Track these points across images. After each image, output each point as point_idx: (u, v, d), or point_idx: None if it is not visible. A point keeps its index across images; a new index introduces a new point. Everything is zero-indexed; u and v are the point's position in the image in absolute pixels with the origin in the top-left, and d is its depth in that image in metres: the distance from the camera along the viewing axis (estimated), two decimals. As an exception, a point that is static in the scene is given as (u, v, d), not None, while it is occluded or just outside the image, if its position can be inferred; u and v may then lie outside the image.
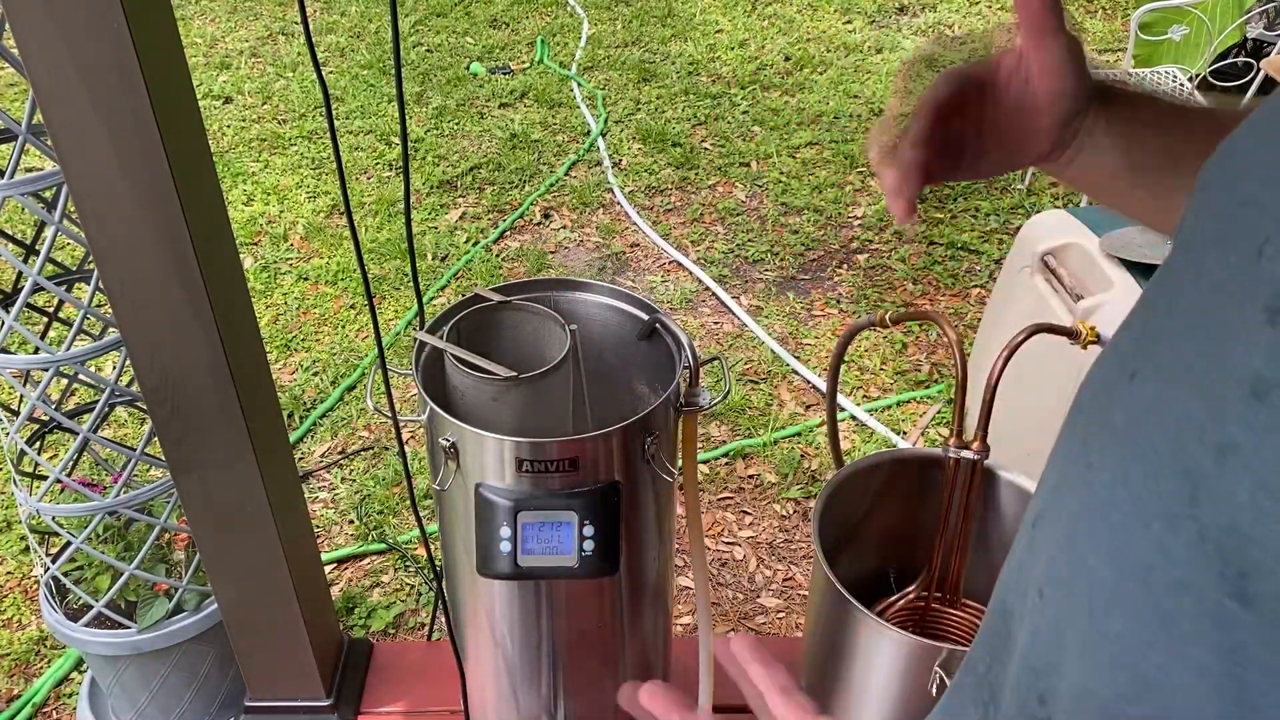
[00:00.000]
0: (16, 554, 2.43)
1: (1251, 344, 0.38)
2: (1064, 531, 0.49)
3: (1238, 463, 0.37)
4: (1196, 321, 0.43)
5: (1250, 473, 0.37)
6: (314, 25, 5.23)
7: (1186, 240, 0.47)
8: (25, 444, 1.61)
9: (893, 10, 5.15)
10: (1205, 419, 0.39)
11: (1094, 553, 0.45)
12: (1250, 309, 0.38)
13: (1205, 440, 0.39)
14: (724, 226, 3.58)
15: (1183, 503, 0.40)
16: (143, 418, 2.32)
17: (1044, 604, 0.49)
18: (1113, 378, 0.49)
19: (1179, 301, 0.45)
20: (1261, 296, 0.38)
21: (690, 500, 1.47)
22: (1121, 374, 0.47)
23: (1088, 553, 0.46)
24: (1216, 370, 0.39)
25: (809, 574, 2.34)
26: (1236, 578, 0.37)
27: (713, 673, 1.59)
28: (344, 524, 2.51)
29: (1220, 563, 0.38)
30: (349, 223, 1.21)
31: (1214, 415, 0.39)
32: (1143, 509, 0.42)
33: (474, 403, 1.31)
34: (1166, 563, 0.40)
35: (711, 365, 1.62)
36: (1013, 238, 2.48)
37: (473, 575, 1.35)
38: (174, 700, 1.85)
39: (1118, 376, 0.48)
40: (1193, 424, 0.40)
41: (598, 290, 1.47)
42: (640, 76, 4.61)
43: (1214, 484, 0.38)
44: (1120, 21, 4.89)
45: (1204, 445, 0.39)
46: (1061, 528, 0.49)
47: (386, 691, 1.86)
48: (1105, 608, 0.44)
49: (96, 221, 1.25)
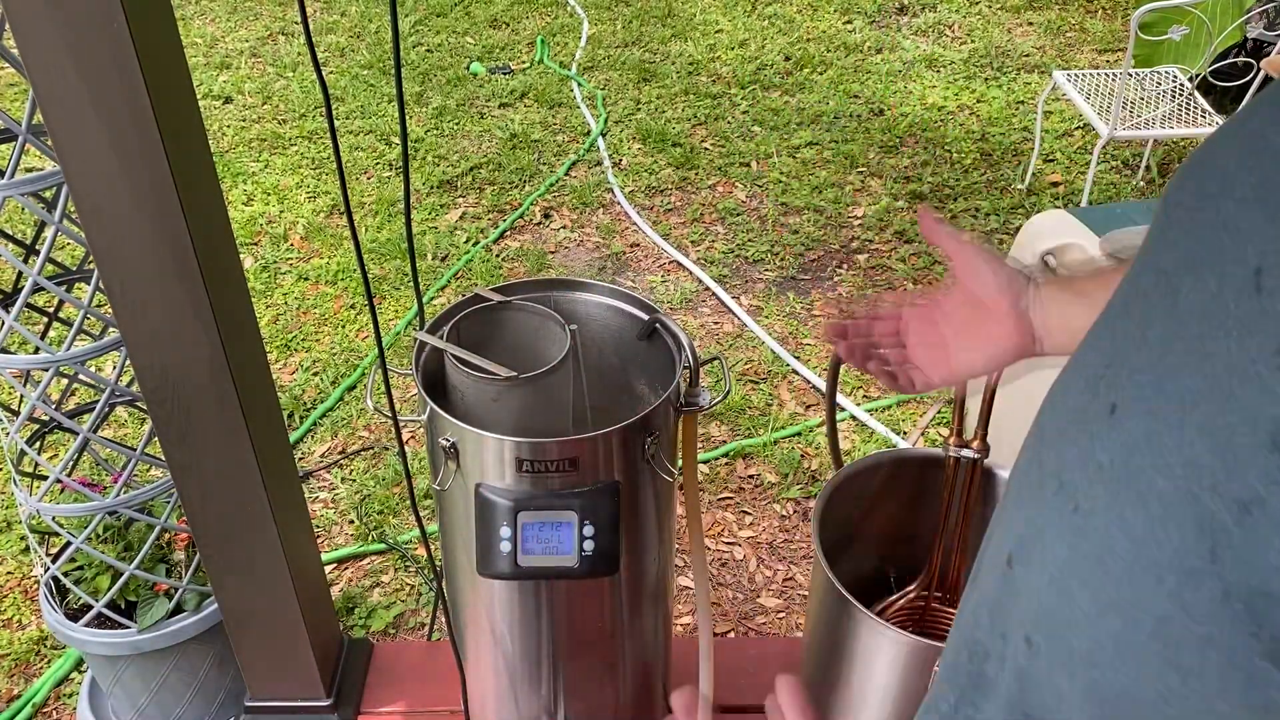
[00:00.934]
0: (16, 554, 2.43)
1: (1266, 390, 0.36)
2: (1053, 576, 0.46)
3: (1264, 520, 0.35)
4: (1182, 356, 0.40)
5: (1277, 530, 0.35)
6: (314, 25, 5.23)
7: (1155, 260, 0.45)
8: (25, 444, 1.61)
9: (893, 10, 5.15)
10: (1219, 469, 0.37)
11: (1094, 602, 0.43)
12: (1256, 348, 0.36)
13: (1221, 492, 0.37)
14: (724, 226, 3.58)
15: (1202, 558, 0.38)
16: (143, 418, 2.32)
17: (1033, 652, 0.47)
18: (1085, 407, 0.46)
19: (1154, 328, 0.43)
20: (1272, 336, 0.36)
21: (690, 500, 1.47)
22: (1095, 405, 0.45)
23: (1085, 602, 0.44)
24: (1224, 414, 0.37)
25: (809, 574, 2.34)
26: (1270, 641, 0.36)
27: (713, 673, 1.59)
28: (344, 524, 2.51)
29: (1252, 624, 0.36)
30: (349, 223, 1.21)
31: (1229, 466, 0.37)
32: (1150, 559, 0.40)
33: (474, 403, 1.31)
34: (1187, 617, 0.39)
35: (711, 365, 1.63)
36: (1013, 238, 2.48)
37: (473, 575, 1.35)
38: (174, 700, 1.85)
39: (1091, 407, 0.45)
40: (1203, 472, 0.38)
41: (598, 290, 1.47)
42: (640, 76, 4.61)
43: (1237, 541, 0.36)
44: (1120, 21, 4.89)
45: (1220, 497, 0.37)
46: (1049, 572, 0.47)
47: (386, 691, 1.86)
48: (1112, 660, 0.42)
49: (96, 221, 1.25)
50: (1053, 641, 0.46)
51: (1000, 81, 4.44)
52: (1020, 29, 4.91)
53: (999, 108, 4.24)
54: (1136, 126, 3.26)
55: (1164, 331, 0.42)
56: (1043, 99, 3.73)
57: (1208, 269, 0.40)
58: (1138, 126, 3.26)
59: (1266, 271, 0.37)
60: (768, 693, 0.70)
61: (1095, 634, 0.43)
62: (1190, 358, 0.40)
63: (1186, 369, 0.40)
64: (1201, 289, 0.40)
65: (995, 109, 4.23)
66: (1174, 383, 0.40)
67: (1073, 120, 4.06)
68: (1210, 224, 0.41)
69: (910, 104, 4.29)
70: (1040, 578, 0.47)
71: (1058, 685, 0.46)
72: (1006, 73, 4.51)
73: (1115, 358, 0.45)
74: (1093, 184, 3.58)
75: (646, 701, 1.67)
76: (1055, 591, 0.46)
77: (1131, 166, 3.80)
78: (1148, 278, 0.45)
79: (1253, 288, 0.37)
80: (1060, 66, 4.40)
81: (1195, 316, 0.40)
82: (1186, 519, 0.38)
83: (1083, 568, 0.44)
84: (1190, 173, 0.44)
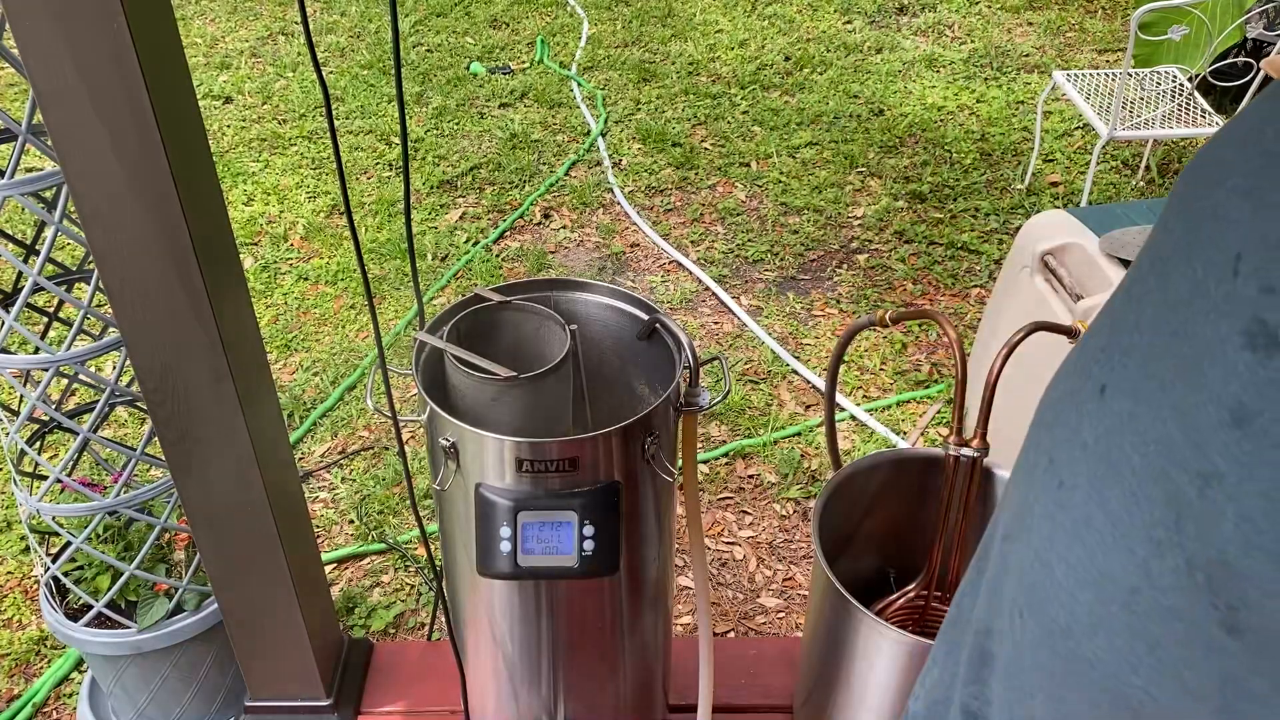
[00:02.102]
0: (16, 554, 2.43)
1: (1229, 368, 0.37)
2: (1037, 551, 0.47)
3: (1221, 493, 0.37)
4: (1168, 338, 0.41)
5: (1234, 503, 0.36)
6: (314, 25, 5.23)
7: (1155, 248, 0.46)
8: (25, 444, 1.61)
9: (893, 10, 5.15)
10: (1185, 444, 0.38)
11: (1070, 574, 0.44)
12: (1226, 329, 0.37)
13: (1187, 466, 0.38)
14: (724, 226, 3.59)
15: (1168, 529, 0.39)
16: (143, 418, 2.32)
17: (1023, 625, 0.48)
18: (1079, 389, 0.47)
19: (1145, 313, 0.44)
20: (1240, 318, 0.37)
21: (690, 500, 1.47)
22: (1088, 386, 0.46)
23: (1062, 574, 0.45)
24: (1195, 392, 0.38)
25: (809, 574, 2.34)
26: (1227, 610, 0.37)
27: (713, 673, 1.59)
28: (344, 524, 2.51)
29: (1210, 594, 0.37)
30: (349, 223, 1.21)
31: (1193, 441, 0.38)
32: (1123, 532, 0.41)
33: (474, 403, 1.31)
34: (1152, 588, 0.40)
35: (711, 365, 1.63)
36: (1013, 238, 2.48)
37: (473, 575, 1.35)
38: (174, 700, 1.85)
39: (1084, 389, 0.46)
40: (1173, 448, 0.39)
41: (598, 290, 1.47)
42: (640, 76, 4.61)
43: (1198, 513, 0.37)
44: (1120, 21, 4.89)
45: (1185, 471, 0.38)
46: (1034, 547, 0.48)
47: (386, 691, 1.86)
48: (1086, 630, 0.44)
49: (96, 221, 1.25)
50: (1036, 614, 0.47)
51: (1000, 81, 4.44)
52: (1020, 29, 4.91)
53: (999, 108, 4.24)
54: (1136, 126, 3.26)
55: (1154, 315, 0.43)
56: (1042, 99, 3.73)
57: (1196, 255, 0.41)
58: (1137, 126, 3.26)
59: (1245, 258, 0.38)
60: (767, 693, 0.70)
61: (1072, 606, 0.44)
62: (1174, 340, 0.41)
63: (1169, 352, 0.41)
64: (1189, 274, 0.41)
65: (995, 109, 4.23)
66: (1157, 364, 0.41)
67: (1072, 120, 4.06)
68: (1203, 212, 0.42)
69: (910, 104, 4.29)
70: (1027, 553, 0.49)
71: (1041, 658, 0.47)
72: (1006, 73, 4.51)
73: (1110, 340, 0.46)
74: (1092, 184, 3.58)
75: (646, 701, 1.67)
76: (1039, 565, 0.47)
77: (1131, 166, 3.81)
78: (1144, 265, 0.46)
79: (1230, 272, 0.38)
80: (1060, 66, 4.40)
81: (1182, 301, 0.41)
82: (1157, 494, 0.40)
83: (1061, 542, 0.45)
84: (1196, 164, 0.45)
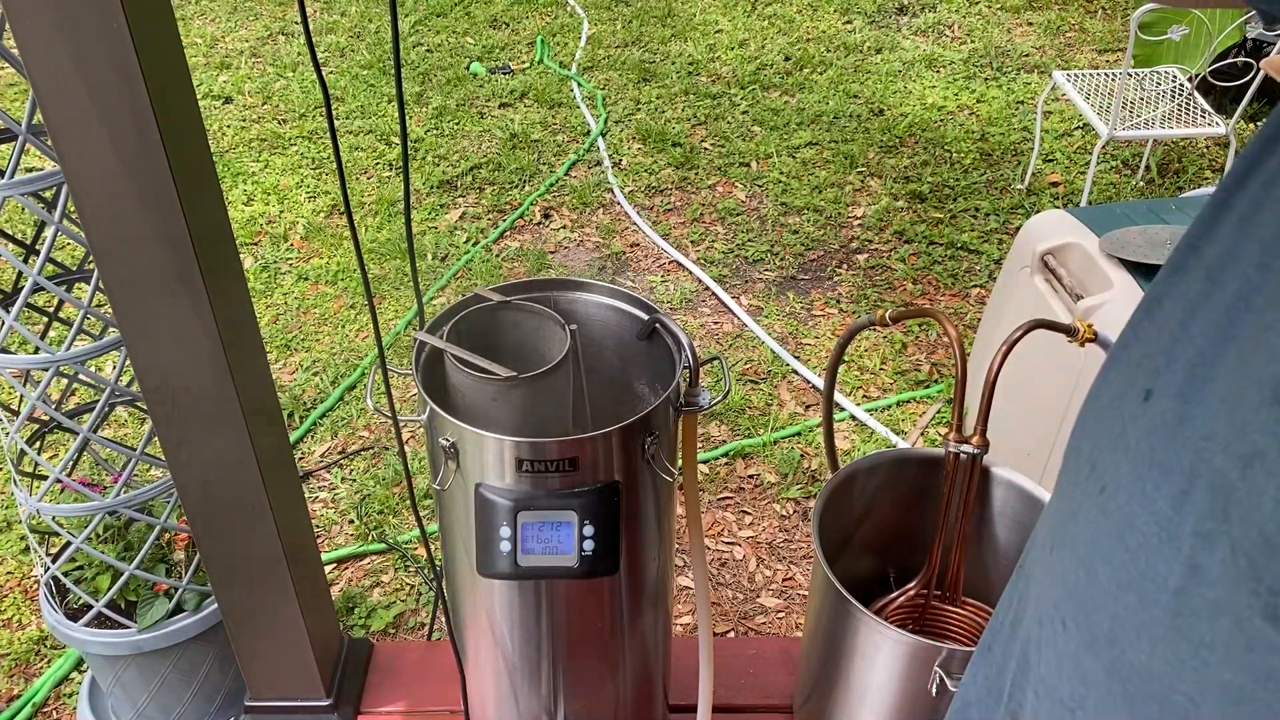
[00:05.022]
0: (16, 554, 2.43)
1: (1272, 350, 0.36)
2: (1081, 557, 0.47)
3: (1262, 471, 0.36)
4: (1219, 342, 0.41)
5: (1275, 479, 0.35)
6: (314, 25, 5.23)
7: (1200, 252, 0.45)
8: (25, 444, 1.61)
9: (893, 10, 5.15)
10: (1229, 432, 0.38)
11: (1113, 579, 0.44)
12: (1273, 316, 0.37)
13: (1230, 451, 0.37)
14: (724, 226, 3.58)
15: (1215, 519, 0.38)
16: (143, 418, 2.32)
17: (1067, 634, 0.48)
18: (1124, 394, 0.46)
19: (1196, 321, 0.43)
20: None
21: (690, 500, 1.47)
22: (1134, 391, 0.45)
23: (1105, 579, 0.44)
24: (1239, 381, 0.38)
25: (809, 574, 2.34)
26: (1268, 594, 0.36)
27: (712, 673, 1.59)
28: (344, 524, 2.51)
29: (1252, 579, 0.36)
30: (349, 223, 1.21)
31: (1237, 426, 0.37)
32: (1170, 531, 0.40)
33: (474, 403, 1.31)
34: (1199, 583, 0.39)
35: (711, 365, 1.63)
36: (1013, 238, 2.48)
37: (473, 575, 1.35)
38: (174, 700, 1.85)
39: (1130, 393, 0.46)
40: (1218, 438, 0.38)
41: (598, 290, 1.47)
42: (640, 76, 4.61)
43: (1241, 496, 0.37)
44: (1120, 21, 4.89)
45: (1229, 457, 0.37)
46: (1079, 553, 0.47)
47: (386, 691, 1.86)
48: (1130, 637, 0.43)
49: (96, 221, 1.25)
50: (1080, 621, 0.47)
51: (1000, 81, 4.44)
52: (1020, 29, 4.91)
53: (999, 108, 4.24)
54: (1136, 126, 3.26)
55: (1204, 323, 0.43)
56: (1042, 99, 3.73)
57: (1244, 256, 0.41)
58: (1137, 126, 3.26)
59: None
60: (767, 693, 0.70)
61: (1115, 610, 0.44)
62: (1223, 342, 0.41)
63: (1221, 355, 0.41)
64: (1240, 276, 0.41)
65: (995, 109, 4.23)
66: (1206, 368, 0.41)
67: (1072, 120, 4.06)
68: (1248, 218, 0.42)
69: (910, 104, 4.29)
70: (1071, 560, 0.48)
71: (1084, 667, 0.46)
72: (1006, 73, 4.51)
73: (1155, 347, 0.46)
74: (1092, 184, 3.58)
75: (646, 701, 1.67)
76: (1083, 571, 0.46)
77: (1131, 166, 3.81)
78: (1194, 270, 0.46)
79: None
80: (1060, 66, 4.40)
81: (1230, 301, 0.41)
82: (1202, 486, 0.39)
83: (1105, 545, 0.45)
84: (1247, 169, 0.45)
